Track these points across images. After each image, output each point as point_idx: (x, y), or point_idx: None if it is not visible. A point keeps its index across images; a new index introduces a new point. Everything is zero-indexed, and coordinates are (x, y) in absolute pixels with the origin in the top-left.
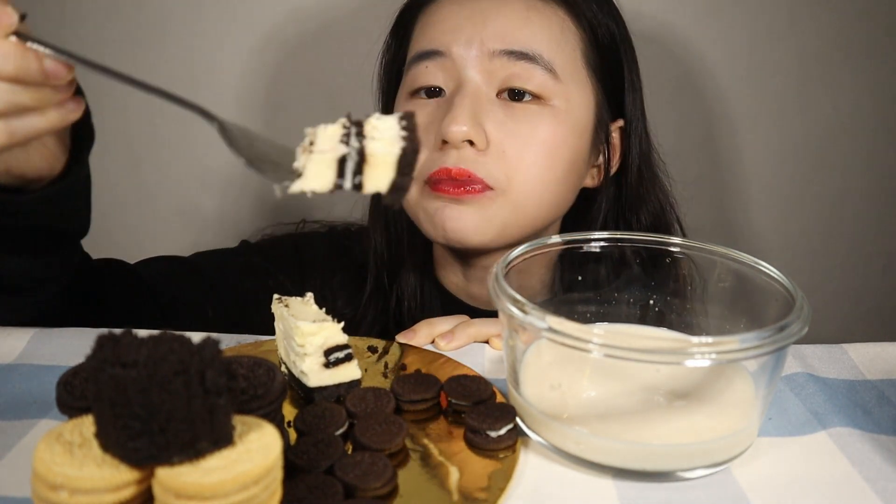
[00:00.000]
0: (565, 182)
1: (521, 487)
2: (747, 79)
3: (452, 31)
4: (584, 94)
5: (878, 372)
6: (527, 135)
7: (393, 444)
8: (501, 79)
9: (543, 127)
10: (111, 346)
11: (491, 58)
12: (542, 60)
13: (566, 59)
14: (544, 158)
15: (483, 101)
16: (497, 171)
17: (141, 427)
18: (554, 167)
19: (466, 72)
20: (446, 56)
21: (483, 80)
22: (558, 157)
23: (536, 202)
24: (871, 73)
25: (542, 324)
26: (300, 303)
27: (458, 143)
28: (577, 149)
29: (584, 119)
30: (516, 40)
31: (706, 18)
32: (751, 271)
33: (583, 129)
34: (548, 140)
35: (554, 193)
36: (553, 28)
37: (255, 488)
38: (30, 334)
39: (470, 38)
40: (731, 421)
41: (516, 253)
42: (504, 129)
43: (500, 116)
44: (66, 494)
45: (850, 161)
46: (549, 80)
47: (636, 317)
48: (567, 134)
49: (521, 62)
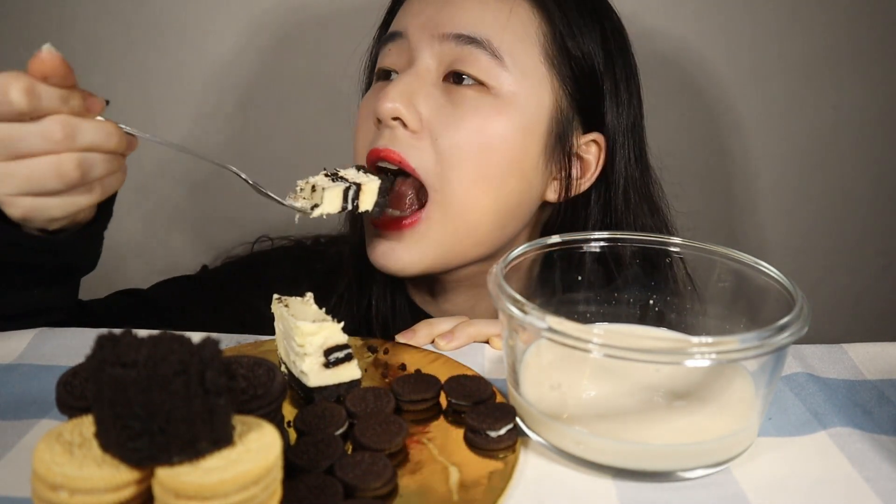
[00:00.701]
0: (507, 183)
1: (521, 487)
2: (747, 79)
3: (413, 15)
4: (538, 90)
5: (878, 372)
6: (462, 120)
7: (393, 444)
8: (447, 62)
9: (481, 114)
10: (111, 346)
11: (441, 40)
12: (490, 45)
13: (520, 51)
14: (478, 149)
15: (425, 83)
16: (429, 159)
17: (141, 427)
18: (490, 162)
19: (417, 53)
20: (404, 37)
21: (432, 62)
22: (496, 150)
23: (474, 204)
24: (872, 73)
25: (542, 324)
26: (300, 303)
27: (387, 119)
28: (522, 149)
29: (534, 118)
30: (466, 23)
31: (706, 18)
32: (751, 271)
33: (532, 129)
34: (484, 129)
35: (494, 196)
36: (510, 15)
37: (255, 488)
38: (30, 335)
39: (426, 20)
40: (730, 421)
41: (516, 253)
42: (440, 113)
43: (439, 100)
44: (66, 494)
45: (850, 161)
46: (495, 67)
47: (636, 317)
48: (509, 128)
49: (468, 46)
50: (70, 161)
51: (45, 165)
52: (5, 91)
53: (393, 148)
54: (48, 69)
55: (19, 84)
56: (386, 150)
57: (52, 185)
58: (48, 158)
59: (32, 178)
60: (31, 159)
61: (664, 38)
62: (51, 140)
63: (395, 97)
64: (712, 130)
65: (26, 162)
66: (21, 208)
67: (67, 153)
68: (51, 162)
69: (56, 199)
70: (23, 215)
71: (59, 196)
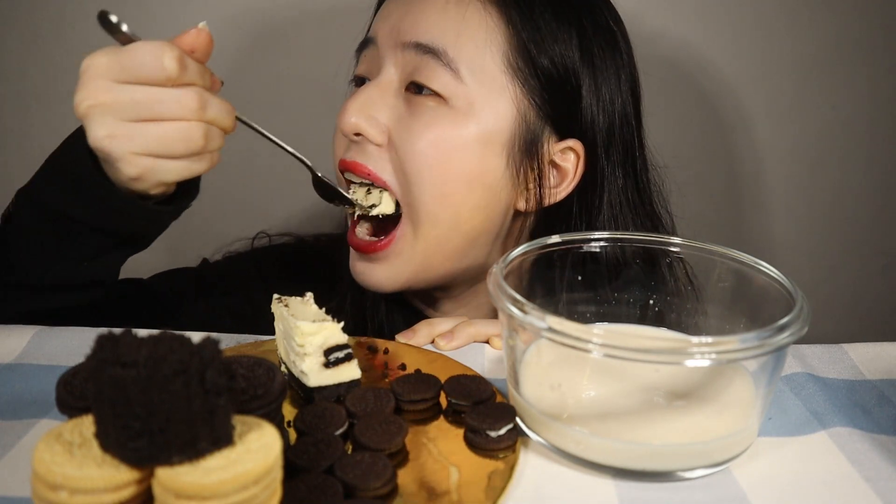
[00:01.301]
0: (468, 197)
1: (521, 487)
2: (747, 79)
3: (383, 20)
4: (497, 101)
5: (878, 372)
6: (420, 132)
7: (393, 444)
8: (408, 72)
9: (438, 127)
10: (111, 345)
11: (403, 49)
12: (445, 56)
13: (478, 60)
14: (436, 162)
15: (387, 93)
16: (395, 171)
17: (141, 427)
18: (449, 175)
19: (384, 61)
20: (375, 44)
21: (395, 71)
22: (454, 163)
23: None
24: (872, 73)
25: (541, 324)
26: (300, 302)
27: (349, 135)
28: (481, 160)
29: (493, 128)
30: (424, 32)
31: (707, 19)
32: (751, 271)
33: (491, 140)
34: (441, 142)
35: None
36: (469, 23)
37: (255, 488)
38: (30, 334)
39: (392, 27)
40: (730, 421)
41: (516, 253)
42: (400, 124)
43: (400, 111)
44: (66, 494)
45: (850, 161)
46: (451, 80)
47: (636, 317)
48: (467, 140)
49: (426, 56)
50: (198, 129)
51: (176, 130)
52: (159, 57)
53: (360, 161)
54: (198, 44)
55: (173, 53)
56: (353, 162)
57: (177, 149)
58: (179, 124)
59: (162, 139)
60: (163, 122)
61: (665, 38)
62: (187, 108)
63: (354, 111)
64: (713, 130)
65: (159, 124)
66: (139, 167)
67: (196, 122)
68: (181, 128)
69: (174, 162)
70: (139, 174)
71: (177, 160)
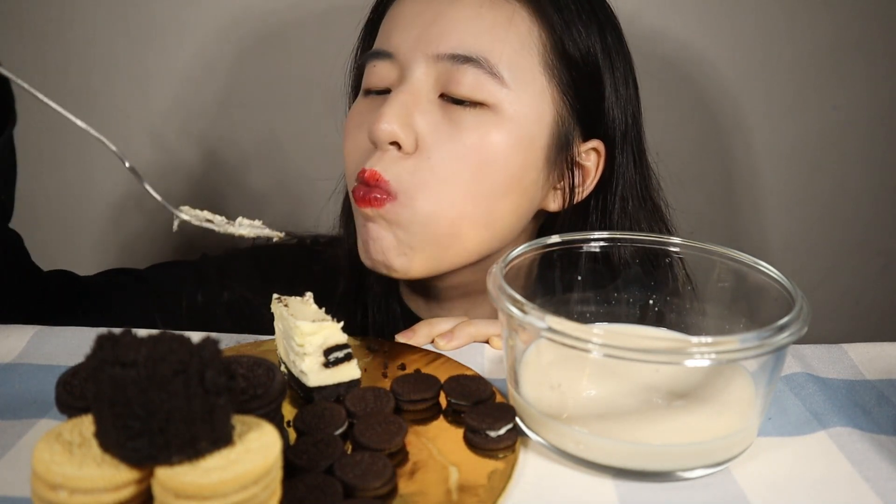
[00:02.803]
0: (500, 198)
1: (521, 487)
2: (747, 79)
3: (402, 30)
4: (538, 104)
5: (878, 372)
6: (460, 138)
7: (393, 444)
8: (443, 81)
9: (480, 133)
10: (111, 345)
11: (436, 61)
12: (487, 63)
13: (518, 63)
14: (475, 170)
15: (421, 101)
16: (408, 175)
17: (140, 427)
18: (485, 181)
19: (410, 71)
20: (393, 57)
21: (426, 79)
22: (493, 170)
23: (455, 218)
24: (873, 73)
25: (541, 324)
26: (299, 302)
27: (384, 143)
28: (523, 163)
29: (535, 131)
30: (461, 42)
31: (706, 17)
32: (750, 271)
33: (532, 143)
34: (484, 151)
35: (481, 211)
36: (507, 27)
37: (255, 488)
38: (30, 334)
39: (416, 38)
40: (730, 421)
41: (516, 253)
42: (437, 130)
43: (436, 118)
44: (66, 494)
45: (850, 161)
46: (494, 86)
47: (636, 317)
48: (510, 145)
49: (464, 66)
50: None
51: None
52: None
53: (378, 169)
54: None
55: None
56: (371, 171)
57: None
58: None
59: None
60: None
61: (665, 38)
62: None
63: (391, 118)
64: (713, 130)
65: None
66: None
67: None
68: None
69: None
70: None
71: None
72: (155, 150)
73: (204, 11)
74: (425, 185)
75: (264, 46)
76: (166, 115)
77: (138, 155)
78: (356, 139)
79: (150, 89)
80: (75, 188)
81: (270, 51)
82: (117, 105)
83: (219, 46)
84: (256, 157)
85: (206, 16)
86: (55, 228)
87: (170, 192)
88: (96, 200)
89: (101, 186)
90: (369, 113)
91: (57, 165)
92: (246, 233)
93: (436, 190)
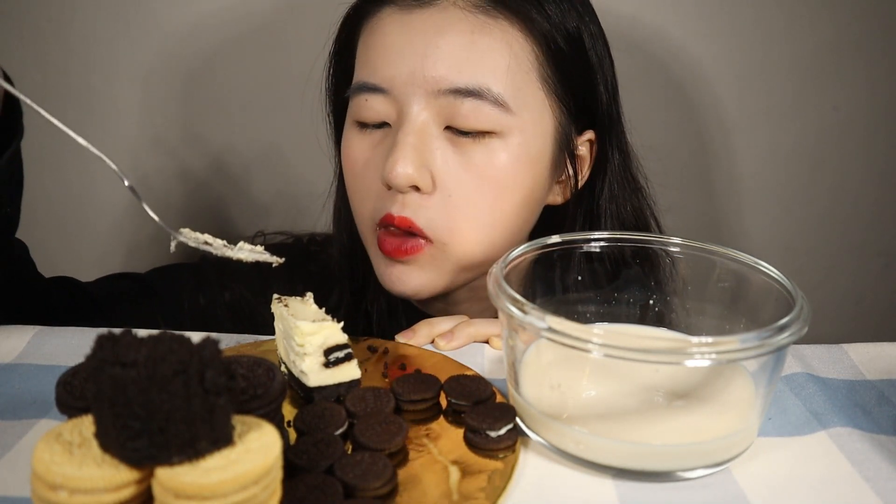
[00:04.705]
0: (518, 216)
1: (521, 487)
2: (747, 79)
3: (394, 63)
4: (541, 119)
5: (878, 372)
6: (476, 174)
7: (393, 443)
8: (446, 116)
9: (494, 163)
10: (111, 345)
11: (436, 96)
12: (491, 94)
13: (518, 86)
14: (493, 198)
15: (429, 138)
16: (439, 217)
17: (140, 427)
18: (504, 205)
19: (410, 107)
20: (388, 92)
21: (428, 115)
22: (509, 193)
23: (482, 248)
24: (873, 73)
25: (541, 324)
26: (300, 302)
27: (403, 188)
28: (532, 179)
29: (540, 146)
30: (461, 75)
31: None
32: (750, 271)
33: (540, 157)
34: (499, 178)
35: (500, 234)
36: (502, 51)
37: (255, 488)
38: (30, 334)
39: (412, 72)
40: (730, 421)
41: (516, 253)
42: (451, 170)
43: (447, 154)
44: (66, 494)
45: (850, 161)
46: (499, 114)
47: (636, 317)
48: (521, 167)
49: (468, 100)
50: None
51: None
52: None
53: (407, 215)
54: None
55: None
56: (401, 217)
57: None
58: None
59: None
60: None
61: (665, 38)
62: None
63: (406, 163)
64: (713, 130)
65: None
66: None
67: None
68: None
69: None
70: None
71: None
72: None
73: (204, 12)
74: (456, 225)
75: (265, 48)
76: (166, 115)
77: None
78: (365, 180)
79: (150, 89)
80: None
81: (271, 53)
82: (117, 105)
83: (219, 48)
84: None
85: (207, 16)
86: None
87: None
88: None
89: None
90: (372, 150)
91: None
92: (244, 257)
93: (465, 228)
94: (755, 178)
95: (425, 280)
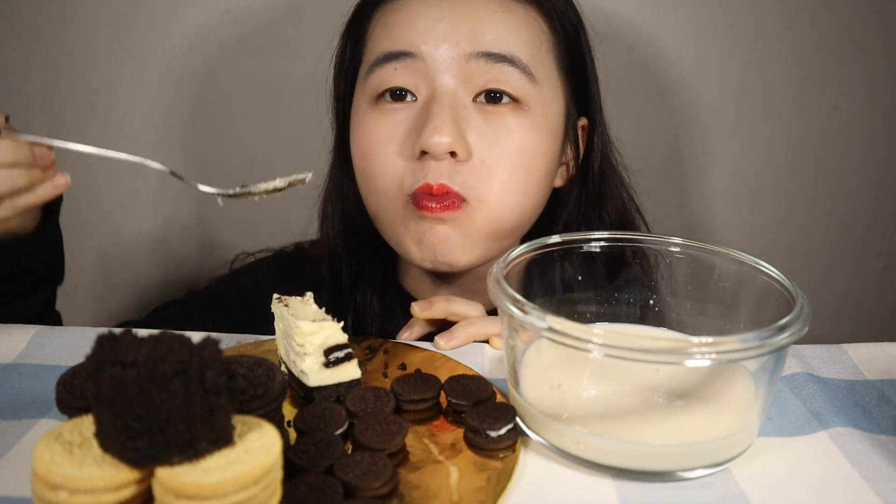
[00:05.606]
0: (540, 188)
1: (521, 487)
2: (747, 79)
3: (423, 31)
4: (556, 98)
5: (878, 372)
6: (505, 143)
7: (393, 443)
8: (478, 83)
9: (521, 134)
10: (111, 345)
11: (467, 60)
12: (521, 63)
13: (541, 63)
14: (522, 167)
15: (461, 108)
16: (473, 181)
17: (141, 427)
18: (530, 174)
19: (440, 75)
20: (417, 57)
21: (458, 83)
22: (535, 163)
23: (516, 212)
24: (874, 73)
25: (542, 324)
26: (300, 302)
27: (442, 155)
28: (551, 153)
29: (557, 122)
30: (494, 42)
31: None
32: (750, 271)
33: (556, 133)
34: (526, 148)
35: (531, 201)
36: (529, 30)
37: (255, 488)
38: (30, 334)
39: (443, 38)
40: (730, 421)
41: (516, 253)
42: (484, 138)
43: (479, 123)
44: (66, 494)
45: (851, 161)
46: (526, 83)
47: (636, 317)
48: (543, 139)
49: (499, 65)
50: None
51: None
52: None
53: (444, 182)
54: None
55: None
56: (440, 185)
57: None
58: None
59: None
60: None
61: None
62: None
63: (447, 131)
64: (713, 130)
65: None
66: None
67: None
68: None
69: None
70: None
71: None
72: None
73: (204, 12)
74: (490, 188)
75: (265, 48)
76: (166, 115)
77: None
78: (387, 156)
79: (150, 89)
80: None
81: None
82: (117, 105)
83: (219, 47)
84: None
85: (207, 16)
86: None
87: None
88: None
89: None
90: (395, 126)
91: None
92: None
93: (498, 190)
94: (755, 178)
95: (463, 239)
